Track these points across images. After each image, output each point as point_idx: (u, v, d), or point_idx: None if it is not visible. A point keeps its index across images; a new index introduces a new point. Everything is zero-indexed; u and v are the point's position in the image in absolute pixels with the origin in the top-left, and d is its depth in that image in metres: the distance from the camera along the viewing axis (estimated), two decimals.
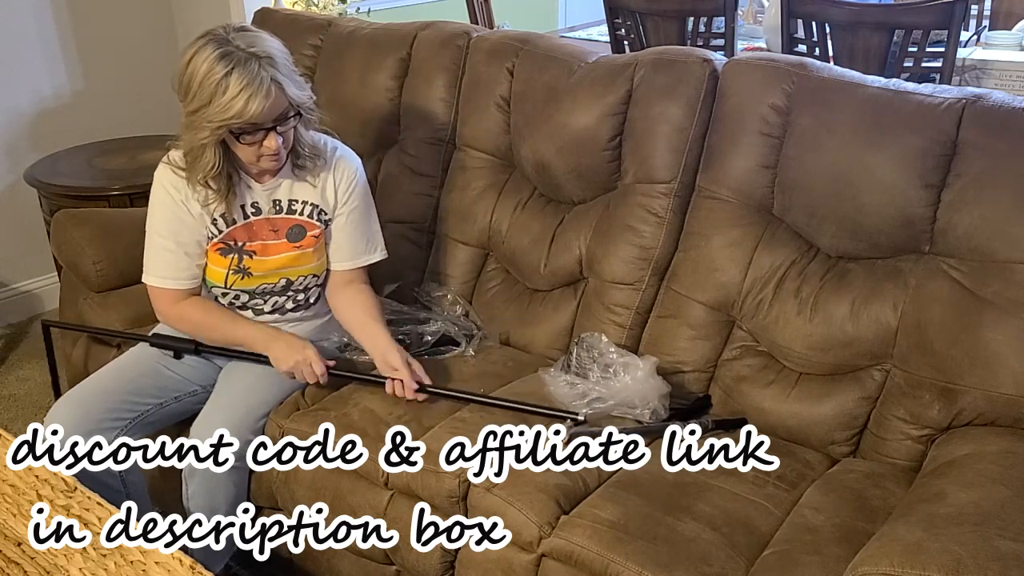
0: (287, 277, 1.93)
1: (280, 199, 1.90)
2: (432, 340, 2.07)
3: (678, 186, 1.97)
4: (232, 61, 1.64)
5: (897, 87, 1.77)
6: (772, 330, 1.85)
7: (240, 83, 1.64)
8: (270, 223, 1.90)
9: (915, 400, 1.71)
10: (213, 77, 1.64)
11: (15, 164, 3.08)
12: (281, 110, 1.72)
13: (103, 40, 3.25)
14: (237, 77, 1.64)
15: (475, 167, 2.25)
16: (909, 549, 1.28)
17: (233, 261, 1.89)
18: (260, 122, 1.70)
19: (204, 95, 1.66)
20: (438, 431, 1.76)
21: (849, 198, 1.77)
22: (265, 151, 1.75)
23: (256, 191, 1.88)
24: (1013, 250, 1.63)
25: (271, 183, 1.89)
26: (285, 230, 1.91)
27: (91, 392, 1.85)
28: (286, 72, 1.72)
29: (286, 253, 1.92)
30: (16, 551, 1.33)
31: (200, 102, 1.67)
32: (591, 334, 1.95)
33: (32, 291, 3.30)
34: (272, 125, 1.72)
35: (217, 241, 1.88)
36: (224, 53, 1.65)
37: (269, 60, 1.68)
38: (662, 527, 1.52)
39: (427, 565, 1.69)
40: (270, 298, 1.95)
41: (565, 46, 2.19)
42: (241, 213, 1.88)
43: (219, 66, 1.64)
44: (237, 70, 1.64)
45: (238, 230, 1.88)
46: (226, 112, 1.65)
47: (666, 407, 1.83)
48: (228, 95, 1.64)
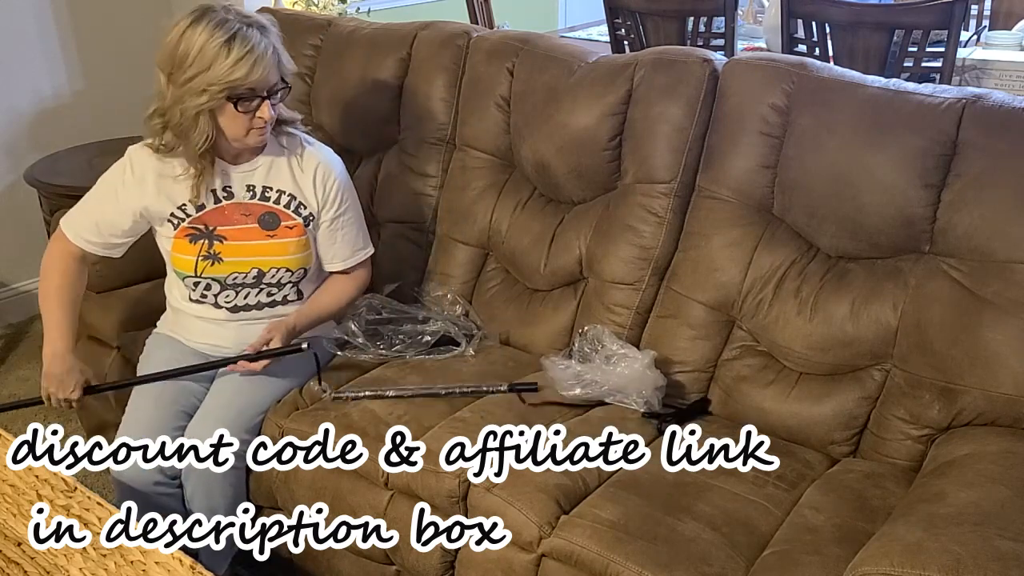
0: (258, 267, 1.91)
1: (254, 184, 1.91)
2: (432, 340, 2.06)
3: (678, 186, 1.97)
4: (232, 28, 1.70)
5: (897, 87, 1.77)
6: (772, 330, 1.85)
7: (244, 47, 1.69)
8: (242, 207, 1.90)
9: (915, 400, 1.71)
10: (214, 42, 1.68)
11: (15, 164, 3.08)
12: (275, 80, 1.77)
13: (103, 40, 3.25)
14: (240, 42, 1.69)
15: (475, 167, 2.25)
16: (909, 549, 1.28)
17: (203, 247, 1.89)
18: (258, 89, 1.74)
19: (204, 61, 1.69)
20: (438, 431, 1.76)
21: (849, 198, 1.77)
22: (257, 122, 1.78)
23: (230, 174, 1.89)
24: (1013, 250, 1.63)
25: (246, 167, 1.90)
26: (257, 215, 1.91)
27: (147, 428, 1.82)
28: (280, 43, 1.78)
29: (257, 241, 1.90)
30: (16, 551, 1.33)
31: (199, 68, 1.70)
32: (594, 326, 1.96)
33: (32, 291, 3.29)
34: (266, 95, 1.76)
35: (186, 226, 1.88)
36: (222, 20, 1.71)
37: (265, 30, 1.75)
38: (662, 527, 1.52)
39: (427, 565, 1.69)
40: (242, 290, 1.94)
41: (565, 46, 2.19)
42: (212, 197, 1.89)
43: (219, 32, 1.69)
44: (239, 36, 1.70)
45: (208, 214, 1.89)
46: (231, 75, 1.69)
47: (660, 400, 1.83)
48: (232, 58, 1.69)
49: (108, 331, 2.20)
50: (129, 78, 3.32)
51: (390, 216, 2.34)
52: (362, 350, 2.02)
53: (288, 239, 1.92)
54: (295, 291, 1.99)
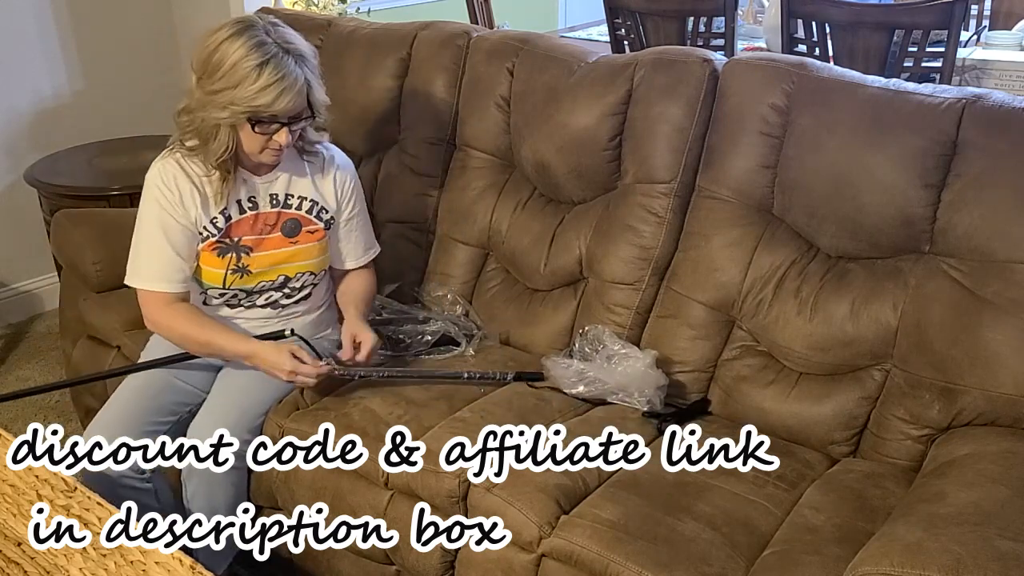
0: (284, 274, 1.93)
1: (277, 193, 1.91)
2: (432, 340, 2.07)
3: (678, 186, 1.97)
4: (269, 52, 1.68)
5: (897, 87, 1.77)
6: (772, 330, 1.85)
7: (275, 75, 1.67)
8: (265, 217, 1.90)
9: (915, 400, 1.71)
10: (248, 63, 1.66)
11: (15, 164, 3.08)
12: (301, 109, 1.75)
13: (103, 40, 3.25)
14: (273, 68, 1.67)
15: (475, 167, 2.25)
16: (909, 549, 1.28)
17: (231, 260, 1.88)
18: (280, 116, 1.72)
19: (234, 78, 1.67)
20: (438, 431, 1.76)
21: (849, 198, 1.77)
22: (272, 145, 1.77)
23: (253, 185, 1.89)
24: (1013, 250, 1.63)
25: (268, 176, 1.89)
26: (280, 224, 1.91)
27: (121, 417, 1.82)
28: (315, 74, 1.76)
29: (283, 249, 1.91)
30: (16, 551, 1.32)
31: (227, 83, 1.68)
32: (594, 326, 1.96)
33: (32, 291, 3.30)
34: (287, 121, 1.74)
35: (214, 241, 1.87)
36: (260, 42, 1.68)
37: (303, 59, 1.72)
38: (662, 527, 1.52)
39: (427, 565, 1.69)
40: (264, 293, 1.95)
41: (565, 46, 2.19)
42: (237, 208, 1.88)
43: (255, 54, 1.67)
44: (273, 62, 1.67)
45: (234, 226, 1.88)
46: (255, 100, 1.68)
47: (662, 400, 1.83)
48: (260, 83, 1.67)
49: (108, 331, 2.20)
50: (129, 78, 3.32)
51: (390, 216, 2.34)
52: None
53: (311, 243, 1.93)
54: (312, 290, 2.00)
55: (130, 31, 3.32)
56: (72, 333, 2.35)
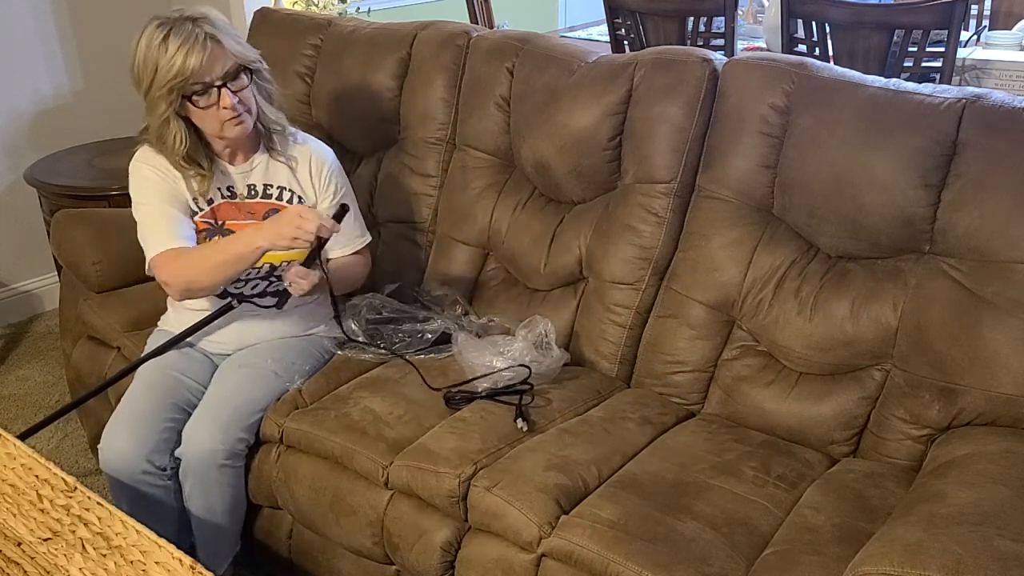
0: (269, 262, 1.93)
1: (255, 183, 1.93)
2: (432, 339, 2.06)
3: (678, 186, 1.97)
4: (168, 25, 1.74)
5: (897, 87, 1.77)
6: (772, 330, 1.85)
7: (177, 41, 1.72)
8: (246, 207, 1.92)
9: (915, 400, 1.71)
10: (154, 43, 1.73)
11: (15, 164, 3.08)
12: (228, 66, 1.77)
13: (103, 40, 3.25)
14: (174, 37, 1.73)
15: (475, 167, 2.25)
16: (909, 549, 1.28)
17: None
18: (206, 79, 1.75)
19: (150, 65, 1.74)
20: (438, 431, 1.76)
21: (849, 198, 1.77)
22: (225, 113, 1.79)
23: (231, 175, 1.91)
24: (1013, 250, 1.63)
25: (244, 166, 1.92)
26: (261, 214, 1.92)
27: (139, 418, 1.82)
28: (223, 28, 1.78)
29: None
30: (16, 551, 1.32)
31: (149, 75, 1.75)
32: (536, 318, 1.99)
33: (32, 291, 3.30)
34: (222, 82, 1.76)
35: (201, 221, 1.90)
36: (161, 23, 1.75)
37: (203, 19, 1.76)
38: (662, 527, 1.52)
39: (427, 565, 1.69)
40: (251, 282, 1.95)
41: (565, 46, 2.19)
42: (219, 194, 1.91)
43: (157, 33, 1.74)
44: (173, 32, 1.73)
45: (219, 208, 1.91)
46: (170, 72, 1.73)
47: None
48: (168, 55, 1.72)
49: (108, 331, 2.20)
50: (129, 78, 3.32)
51: (390, 216, 2.34)
52: (363, 349, 2.02)
53: None
54: None
55: (130, 31, 3.29)
56: (72, 333, 2.35)
